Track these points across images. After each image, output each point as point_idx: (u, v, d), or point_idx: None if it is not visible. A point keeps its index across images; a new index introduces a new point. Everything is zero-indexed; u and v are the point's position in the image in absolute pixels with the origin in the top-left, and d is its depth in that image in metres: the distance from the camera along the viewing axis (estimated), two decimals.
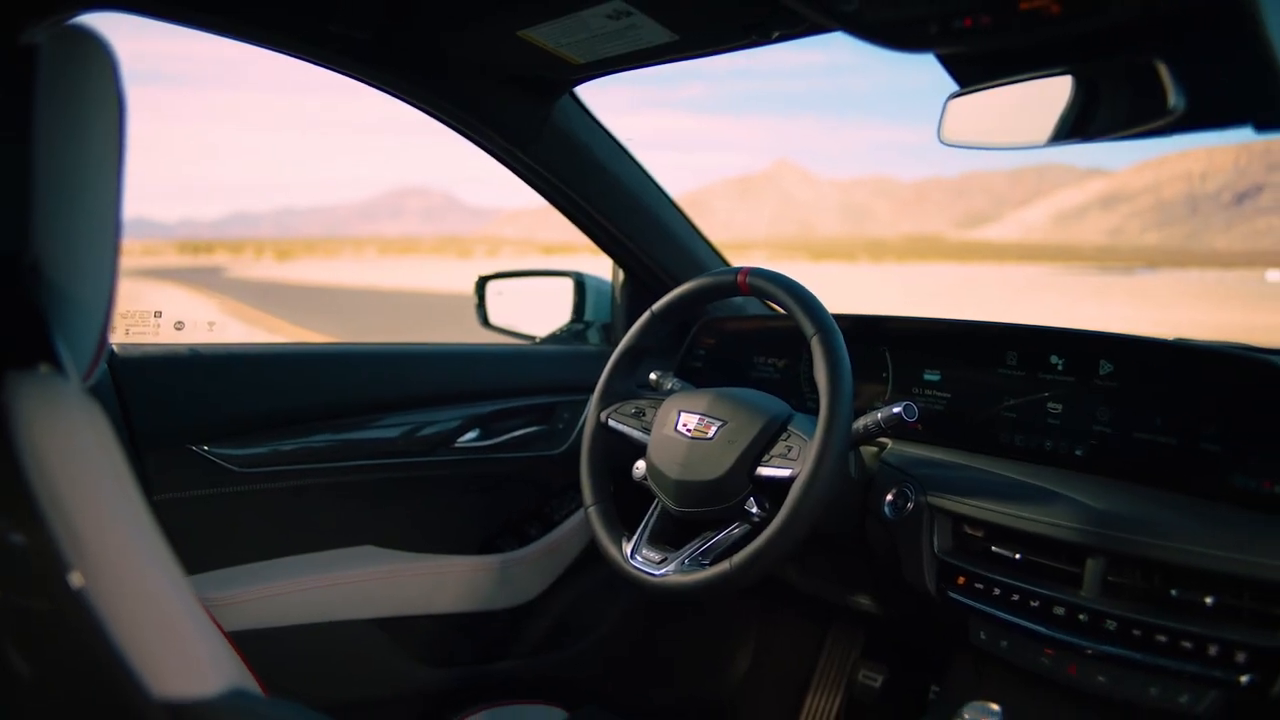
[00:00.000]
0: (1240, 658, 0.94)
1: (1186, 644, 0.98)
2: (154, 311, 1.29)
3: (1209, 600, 0.98)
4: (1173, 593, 1.01)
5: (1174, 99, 0.70)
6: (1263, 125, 0.73)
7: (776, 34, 1.12)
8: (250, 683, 0.94)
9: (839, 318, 1.32)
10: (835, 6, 0.70)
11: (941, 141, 0.91)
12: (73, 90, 0.59)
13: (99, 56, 0.60)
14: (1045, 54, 0.79)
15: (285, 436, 1.39)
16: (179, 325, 1.37)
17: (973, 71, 0.86)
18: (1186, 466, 1.08)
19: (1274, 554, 0.95)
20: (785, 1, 0.72)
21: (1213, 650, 0.96)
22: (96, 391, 0.56)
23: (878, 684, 1.71)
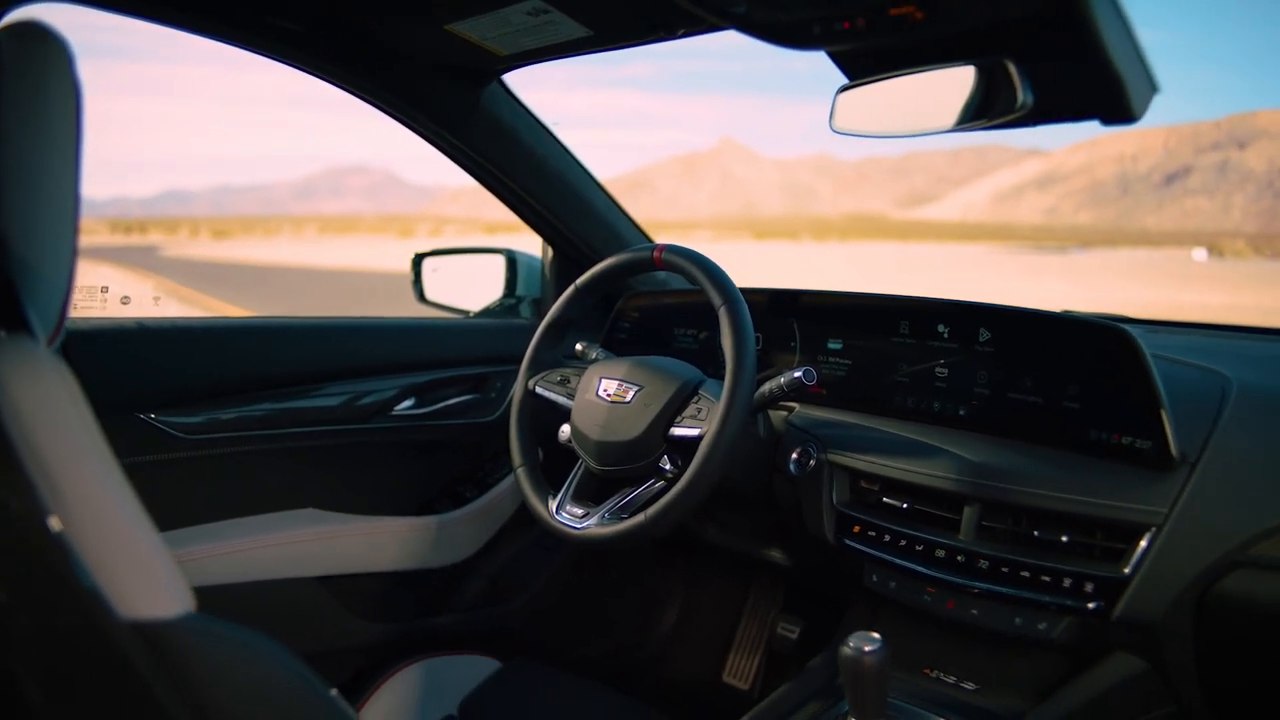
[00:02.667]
0: (1089, 587, 1.07)
1: (1046, 578, 1.10)
2: (100, 287, 1.33)
3: (1065, 539, 1.11)
4: (1035, 533, 1.13)
5: (1023, 96, 0.80)
6: (1109, 120, 0.83)
7: (681, 30, 1.21)
8: None
9: (753, 291, 1.41)
10: (727, 9, 0.79)
11: (834, 130, 0.99)
12: (33, 83, 0.63)
13: (55, 50, 0.65)
14: (918, 53, 0.88)
15: (230, 405, 1.43)
16: (125, 300, 1.41)
17: (858, 66, 0.95)
18: (1051, 423, 1.19)
19: (1120, 497, 1.08)
20: (683, 4, 0.80)
21: (1067, 582, 1.09)
22: None
23: (794, 635, 1.83)
